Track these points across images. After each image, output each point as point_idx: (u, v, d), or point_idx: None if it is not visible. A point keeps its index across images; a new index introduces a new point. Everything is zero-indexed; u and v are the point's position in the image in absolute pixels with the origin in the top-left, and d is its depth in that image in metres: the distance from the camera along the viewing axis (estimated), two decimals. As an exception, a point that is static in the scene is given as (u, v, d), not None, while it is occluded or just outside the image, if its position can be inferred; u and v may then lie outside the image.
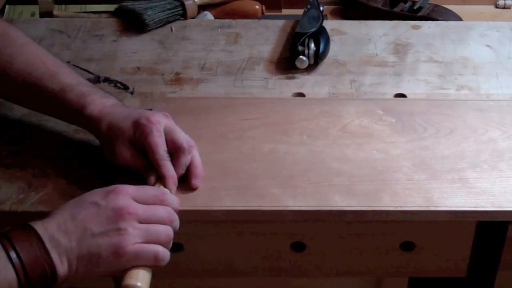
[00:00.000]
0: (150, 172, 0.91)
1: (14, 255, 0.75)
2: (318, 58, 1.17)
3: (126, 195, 0.82)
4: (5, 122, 1.05)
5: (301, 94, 1.13)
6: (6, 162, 0.99)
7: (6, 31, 1.00)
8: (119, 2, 1.32)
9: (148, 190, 0.86)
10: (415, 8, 1.36)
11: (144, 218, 0.82)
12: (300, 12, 1.26)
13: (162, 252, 0.82)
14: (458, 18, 1.34)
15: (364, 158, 0.98)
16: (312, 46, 1.16)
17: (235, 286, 1.08)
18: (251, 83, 1.15)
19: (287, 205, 0.92)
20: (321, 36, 1.19)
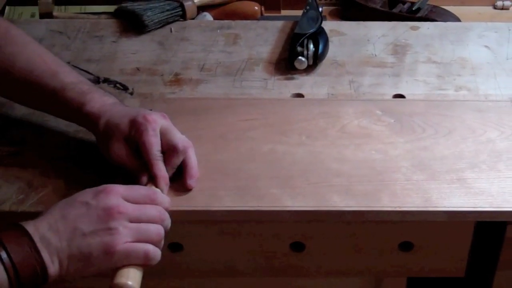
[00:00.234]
0: (142, 172, 0.91)
1: (4, 255, 0.76)
2: (317, 59, 1.17)
3: (117, 195, 0.83)
4: (5, 122, 1.06)
5: (300, 95, 1.13)
6: (6, 162, 0.99)
7: (8, 30, 1.00)
8: (119, 3, 1.32)
9: (138, 189, 0.87)
10: (414, 9, 1.36)
11: (134, 217, 0.82)
12: (299, 13, 1.26)
13: (153, 251, 0.83)
14: (456, 19, 1.34)
15: (363, 159, 0.99)
16: (311, 47, 1.17)
17: (235, 286, 1.08)
18: (250, 84, 1.15)
19: (286, 205, 0.92)
20: (320, 37, 1.19)
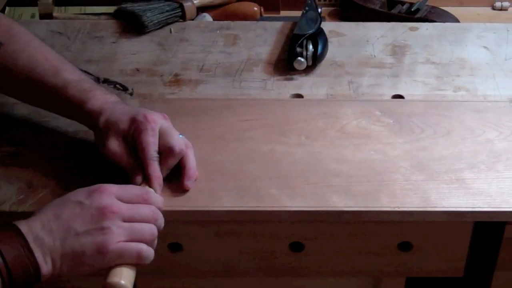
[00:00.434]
0: (137, 172, 0.92)
1: None
2: (316, 59, 1.17)
3: (110, 194, 0.83)
4: (5, 122, 1.06)
5: (299, 95, 1.13)
6: (6, 162, 0.99)
7: (11, 28, 1.00)
8: (119, 4, 1.32)
9: (132, 189, 0.87)
10: (413, 10, 1.36)
11: (127, 216, 0.83)
12: (298, 14, 1.26)
13: (146, 250, 0.83)
14: (455, 20, 1.35)
15: (362, 159, 0.99)
16: (310, 47, 1.17)
17: (234, 286, 1.08)
18: (250, 85, 1.15)
19: (286, 205, 0.92)
20: (319, 37, 1.19)
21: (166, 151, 0.92)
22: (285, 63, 1.19)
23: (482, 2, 1.44)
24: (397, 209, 0.92)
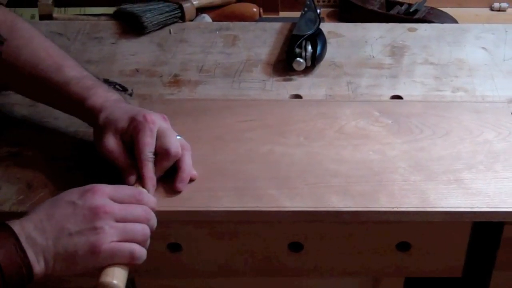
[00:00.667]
0: (131, 171, 0.92)
1: None
2: (315, 60, 1.18)
3: (103, 194, 0.83)
4: (5, 123, 1.06)
5: (298, 96, 1.13)
6: (6, 163, 0.99)
7: (15, 23, 1.00)
8: (118, 4, 1.32)
9: (124, 189, 0.87)
10: (411, 10, 1.37)
11: (120, 217, 0.83)
12: (297, 14, 1.27)
13: (138, 250, 0.83)
14: (453, 21, 1.35)
15: (360, 159, 0.99)
16: (309, 48, 1.17)
17: (233, 286, 1.08)
18: (249, 85, 1.15)
19: (284, 206, 0.92)
20: (318, 38, 1.19)
21: (162, 153, 0.92)
22: (284, 64, 1.19)
23: (480, 3, 1.45)
24: (395, 209, 0.92)
